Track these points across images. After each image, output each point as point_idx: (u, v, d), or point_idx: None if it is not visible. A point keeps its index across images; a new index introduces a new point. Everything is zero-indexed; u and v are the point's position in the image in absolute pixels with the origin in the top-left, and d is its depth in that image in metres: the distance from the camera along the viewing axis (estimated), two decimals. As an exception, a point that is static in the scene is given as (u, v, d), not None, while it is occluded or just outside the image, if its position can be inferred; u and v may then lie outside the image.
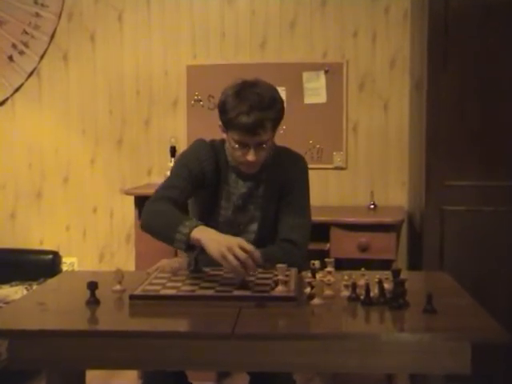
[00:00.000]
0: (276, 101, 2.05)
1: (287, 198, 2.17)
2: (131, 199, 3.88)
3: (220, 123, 2.09)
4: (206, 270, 2.02)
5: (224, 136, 2.13)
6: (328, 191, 4.07)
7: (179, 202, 2.06)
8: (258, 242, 2.14)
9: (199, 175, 2.14)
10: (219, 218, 2.18)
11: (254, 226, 2.18)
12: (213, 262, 1.94)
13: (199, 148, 2.18)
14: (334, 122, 4.01)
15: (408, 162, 4.00)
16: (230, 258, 1.77)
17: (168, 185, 2.10)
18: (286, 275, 1.84)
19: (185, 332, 1.63)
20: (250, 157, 2.05)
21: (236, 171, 2.17)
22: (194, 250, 1.91)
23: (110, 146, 4.25)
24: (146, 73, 4.19)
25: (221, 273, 1.97)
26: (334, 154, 4.05)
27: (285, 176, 2.18)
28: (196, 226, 1.87)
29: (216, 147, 2.19)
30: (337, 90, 3.99)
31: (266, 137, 2.04)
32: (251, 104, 1.99)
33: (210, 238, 1.83)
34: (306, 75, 4.02)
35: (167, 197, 2.04)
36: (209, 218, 2.15)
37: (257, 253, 1.81)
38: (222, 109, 2.05)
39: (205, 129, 4.17)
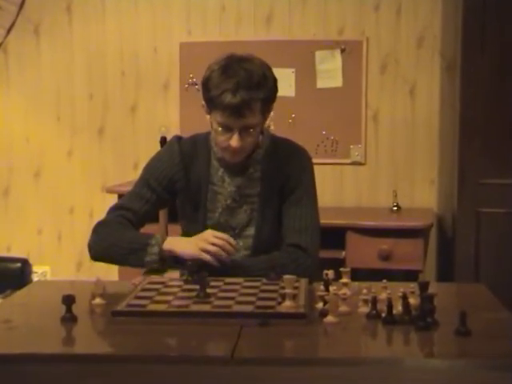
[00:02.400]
0: (267, 79, 2.05)
1: (290, 198, 2.16)
2: (114, 198, 3.88)
3: (203, 102, 2.10)
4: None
5: (207, 118, 2.14)
6: (344, 190, 4.07)
7: (129, 225, 2.15)
8: (256, 248, 2.14)
9: (163, 188, 2.19)
10: (207, 221, 2.18)
11: (251, 230, 2.18)
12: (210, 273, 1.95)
13: (164, 154, 2.22)
14: (352, 110, 4.00)
15: (438, 157, 3.99)
16: (209, 247, 1.95)
17: (120, 204, 2.20)
18: (295, 287, 1.83)
19: (176, 356, 1.62)
20: (234, 142, 2.05)
21: (224, 166, 2.17)
22: (166, 264, 2.05)
23: (90, 135, 4.25)
24: (131, 50, 4.19)
25: (220, 284, 1.97)
26: (351, 147, 4.04)
27: (284, 173, 2.17)
28: (163, 240, 2.03)
29: (196, 143, 2.20)
30: (355, 73, 3.99)
31: (254, 120, 2.04)
32: (238, 81, 2.00)
33: (182, 242, 2.01)
34: (319, 55, 4.01)
35: (118, 220, 2.14)
36: (195, 222, 2.15)
37: (232, 239, 2.01)
38: (206, 85, 2.07)
39: (200, 116, 4.14)
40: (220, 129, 2.05)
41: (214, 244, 1.98)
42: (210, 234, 2.01)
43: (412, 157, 4.01)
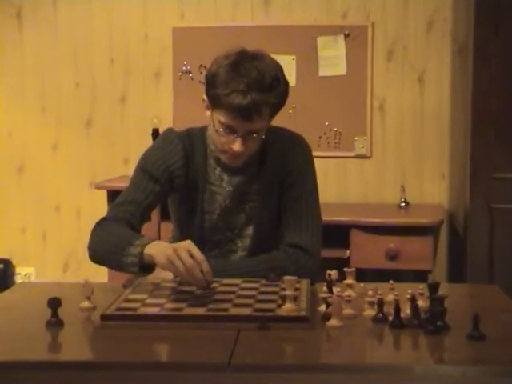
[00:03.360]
0: (280, 82, 2.02)
1: (289, 193, 2.15)
2: (103, 195, 3.88)
3: (205, 97, 2.07)
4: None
5: (207, 114, 2.11)
6: (348, 185, 4.07)
7: (135, 221, 2.11)
8: (254, 248, 2.14)
9: (163, 178, 2.14)
10: (204, 223, 2.17)
11: (250, 230, 2.17)
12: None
13: (163, 144, 2.17)
14: (356, 100, 4.00)
15: (448, 149, 3.99)
16: (178, 263, 1.82)
17: (122, 200, 2.13)
18: (296, 289, 1.83)
19: (170, 362, 1.62)
20: (237, 146, 2.03)
21: (221, 165, 2.15)
22: (152, 271, 1.97)
23: (77, 128, 4.25)
24: (121, 36, 4.18)
25: (216, 285, 1.96)
26: (356, 139, 4.04)
27: (283, 166, 2.15)
28: (148, 243, 1.93)
29: (192, 138, 2.17)
30: (359, 60, 3.98)
31: (261, 125, 2.02)
32: (249, 81, 1.97)
33: (160, 248, 1.90)
34: (321, 41, 4.01)
35: (119, 217, 2.09)
36: (191, 225, 2.15)
37: (205, 265, 1.83)
38: (212, 81, 2.03)
39: (195, 107, 4.15)
40: (222, 130, 2.03)
41: (183, 261, 1.82)
42: (183, 248, 1.83)
43: (421, 149, 4.01)
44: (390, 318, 1.75)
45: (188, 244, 1.85)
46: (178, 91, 4.13)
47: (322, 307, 1.82)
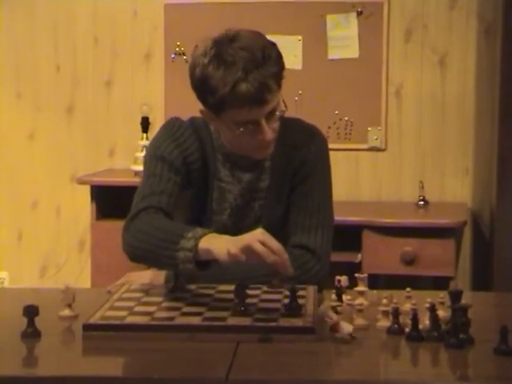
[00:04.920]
0: (268, 48, 2.03)
1: (300, 188, 2.16)
2: (86, 190, 3.88)
3: (203, 109, 2.08)
4: (191, 287, 2.02)
5: (212, 125, 2.12)
6: (360, 181, 4.07)
7: (171, 213, 2.06)
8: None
9: (182, 169, 2.12)
10: (211, 225, 2.17)
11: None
12: (202, 277, 1.94)
13: (176, 130, 2.16)
14: (370, 85, 4.00)
15: (473, 142, 3.99)
16: (257, 244, 1.78)
17: (149, 191, 2.08)
18: (301, 296, 1.83)
19: (161, 378, 1.62)
20: (267, 134, 2.03)
21: (229, 161, 2.16)
22: (208, 267, 1.89)
23: (57, 115, 4.25)
24: (106, 13, 4.18)
25: (211, 292, 1.97)
26: (369, 129, 4.04)
27: (296, 159, 2.17)
28: (203, 235, 1.86)
29: (198, 128, 2.18)
30: (374, 41, 3.98)
31: (275, 100, 2.03)
32: (244, 64, 1.97)
33: (221, 243, 1.84)
34: (330, 19, 4.01)
35: (154, 206, 2.04)
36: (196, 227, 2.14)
37: (282, 252, 1.81)
38: (204, 87, 2.02)
39: (189, 93, 4.14)
40: (242, 129, 2.03)
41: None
42: (259, 233, 1.83)
43: (442, 141, 4.01)
44: (407, 330, 1.75)
45: (261, 234, 1.82)
46: (171, 75, 4.12)
47: (331, 317, 1.82)
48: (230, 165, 2.16)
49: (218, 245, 1.83)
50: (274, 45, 2.06)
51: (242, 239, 1.83)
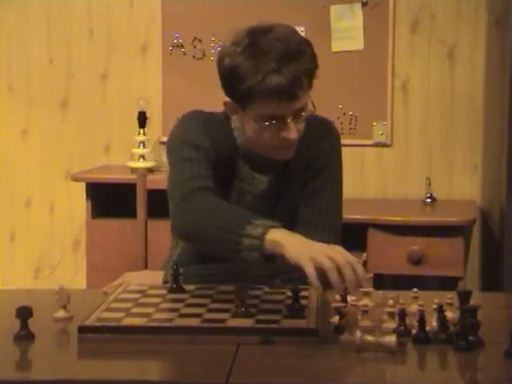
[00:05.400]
0: (304, 43, 2.04)
1: (311, 184, 2.16)
2: (81, 188, 3.89)
3: (227, 99, 2.06)
4: (190, 288, 2.02)
5: (234, 119, 2.09)
6: (365, 178, 4.07)
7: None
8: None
9: (213, 162, 2.08)
10: None
11: None
12: (204, 277, 1.97)
13: (204, 121, 2.14)
14: (375, 79, 4.00)
15: (482, 137, 3.99)
16: (323, 259, 1.74)
17: (193, 173, 2.03)
18: (304, 297, 1.84)
19: (159, 382, 1.63)
20: (292, 133, 2.01)
21: (249, 160, 2.14)
22: (271, 261, 1.86)
23: (50, 110, 4.25)
24: (101, 4, 4.18)
25: (211, 293, 1.97)
26: (374, 124, 4.04)
27: (310, 155, 2.16)
28: (273, 226, 1.84)
29: (222, 125, 2.15)
30: (379, 32, 3.98)
31: (305, 99, 2.03)
32: (278, 56, 1.96)
33: (294, 241, 1.81)
34: (334, 10, 4.00)
35: (209, 188, 1.99)
36: None
37: (360, 267, 1.78)
38: (233, 76, 2.01)
39: (188, 87, 4.16)
40: (267, 123, 2.01)
41: (338, 267, 1.75)
42: (338, 252, 1.79)
43: (450, 137, 4.01)
44: (414, 332, 1.75)
45: (340, 248, 1.79)
46: (168, 68, 4.12)
47: (335, 318, 1.82)
48: (249, 165, 2.15)
49: (289, 240, 1.80)
50: (309, 42, 2.06)
51: (315, 246, 1.80)
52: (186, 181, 2.02)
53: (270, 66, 1.96)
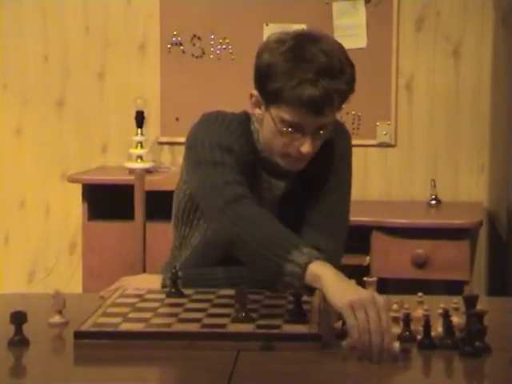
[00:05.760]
0: (348, 64, 2.04)
1: (319, 187, 2.17)
2: (77, 189, 3.88)
3: (255, 93, 2.06)
4: (189, 292, 2.02)
5: (256, 112, 2.09)
6: (368, 179, 4.07)
7: None
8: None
9: (240, 164, 2.06)
10: None
11: None
12: (202, 281, 1.97)
13: (228, 123, 2.11)
14: (379, 77, 4.00)
15: (489, 137, 3.99)
16: (362, 315, 1.68)
17: (228, 179, 2.00)
18: (306, 302, 1.84)
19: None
20: (306, 147, 2.01)
21: (266, 166, 2.14)
22: (310, 292, 1.84)
23: (46, 109, 4.25)
24: (98, 0, 4.18)
25: (211, 297, 1.97)
26: (378, 124, 4.04)
27: (321, 158, 2.14)
28: (318, 258, 1.81)
29: (244, 127, 2.14)
30: (383, 29, 3.98)
31: (331, 118, 2.03)
32: (318, 68, 1.96)
33: (335, 277, 1.77)
34: (336, 7, 4.00)
35: (249, 196, 1.97)
36: None
37: (391, 334, 1.70)
38: (268, 72, 2.00)
39: (186, 86, 4.16)
40: (285, 129, 2.01)
41: (368, 316, 1.68)
42: (382, 306, 1.70)
43: (455, 137, 4.01)
44: (419, 337, 1.75)
45: (376, 297, 1.73)
46: (167, 66, 4.12)
47: (338, 323, 1.82)
48: (268, 171, 2.15)
49: (331, 276, 1.76)
50: (352, 65, 2.05)
51: (360, 290, 1.75)
52: (226, 185, 1.99)
53: (307, 76, 1.95)
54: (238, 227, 1.90)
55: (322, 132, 2.03)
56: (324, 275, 1.77)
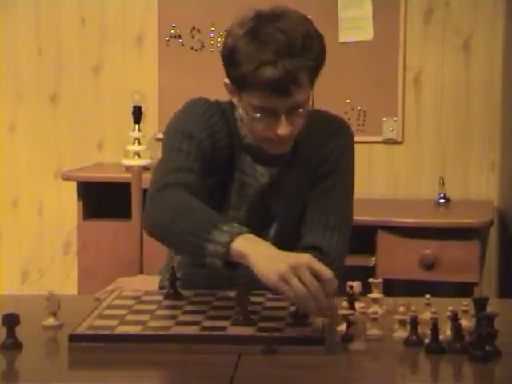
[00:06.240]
0: (313, 38, 2.04)
1: (319, 185, 2.17)
2: (72, 187, 3.88)
3: (227, 81, 2.09)
4: (188, 294, 2.02)
5: (234, 101, 2.12)
6: (374, 177, 4.07)
7: (197, 193, 2.03)
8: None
9: (209, 154, 2.12)
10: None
11: (272, 229, 2.20)
12: (203, 281, 1.97)
13: (205, 110, 2.16)
14: (385, 71, 4.00)
15: (500, 133, 3.99)
16: (294, 281, 1.71)
17: (176, 166, 2.06)
18: (310, 305, 1.85)
19: (153, 392, 1.63)
20: (282, 129, 2.03)
21: (252, 153, 2.16)
22: (235, 269, 1.86)
23: (39, 104, 4.25)
24: (94, -8, 4.18)
25: (211, 299, 1.97)
26: (384, 120, 4.04)
27: (320, 154, 2.18)
28: (240, 233, 1.83)
29: (225, 113, 2.18)
30: (390, 22, 3.98)
31: (303, 96, 2.04)
32: (276, 48, 1.98)
33: (261, 252, 1.79)
34: (342, -3, 4.01)
35: (183, 183, 2.01)
36: None
37: (333, 282, 1.75)
38: (231, 59, 2.03)
39: (186, 79, 4.16)
40: (258, 114, 2.03)
41: (303, 282, 1.71)
42: (305, 264, 1.74)
43: (465, 133, 4.01)
44: (427, 341, 1.75)
45: (309, 258, 1.76)
46: (165, 60, 4.12)
47: (342, 327, 1.82)
48: (253, 157, 2.17)
49: (256, 252, 1.79)
50: (318, 37, 2.06)
51: (286, 256, 1.77)
52: (165, 174, 2.05)
53: (265, 57, 1.97)
54: (161, 215, 1.95)
55: (301, 110, 2.05)
56: (249, 252, 1.79)
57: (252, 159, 2.17)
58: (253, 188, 2.18)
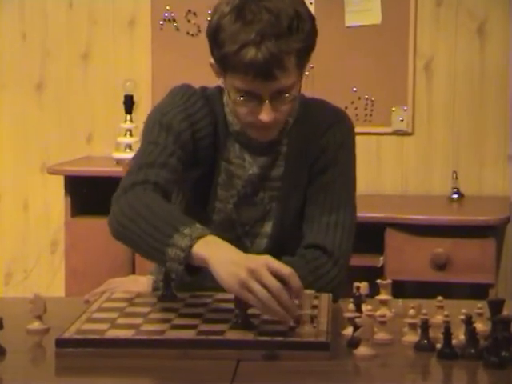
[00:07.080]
0: (302, 19, 2.05)
1: (319, 180, 2.18)
2: (59, 182, 3.89)
3: (212, 61, 2.10)
4: (183, 296, 2.02)
5: (220, 82, 2.13)
6: (383, 171, 4.08)
7: (169, 190, 2.06)
8: (271, 251, 2.14)
9: (189, 145, 2.13)
10: (213, 215, 2.19)
11: (268, 227, 2.20)
12: (198, 283, 1.94)
13: (187, 98, 2.18)
14: (394, 58, 4.00)
15: (516, 124, 3.99)
16: (256, 287, 1.72)
17: (150, 161, 2.08)
18: (314, 306, 1.84)
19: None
20: (265, 115, 2.04)
21: (241, 140, 2.17)
22: (198, 274, 1.87)
23: (24, 92, 4.25)
24: (83, -27, 4.18)
25: (208, 300, 1.98)
26: (394, 109, 4.04)
27: (317, 147, 2.18)
28: (201, 237, 1.83)
29: (211, 100, 2.20)
30: (399, 4, 3.98)
31: (289, 80, 2.04)
32: (261, 28, 1.98)
33: (221, 256, 1.80)
34: (348, -22, 4.01)
35: (153, 181, 2.03)
36: (195, 217, 2.14)
37: (295, 278, 1.75)
38: (215, 38, 2.05)
39: (181, 66, 4.16)
40: (241, 98, 2.04)
41: (263, 284, 1.72)
42: (263, 265, 1.74)
43: (479, 124, 4.01)
44: (439, 346, 1.75)
45: (267, 259, 1.76)
46: (159, 46, 4.13)
47: (349, 330, 1.82)
48: (241, 146, 2.18)
49: (216, 255, 1.80)
50: (309, 18, 2.07)
51: (245, 259, 1.78)
52: (135, 170, 2.08)
53: (248, 38, 1.98)
54: (123, 216, 1.97)
55: (287, 95, 2.05)
56: (209, 257, 1.79)
57: (240, 147, 2.18)
58: (240, 179, 2.19)
